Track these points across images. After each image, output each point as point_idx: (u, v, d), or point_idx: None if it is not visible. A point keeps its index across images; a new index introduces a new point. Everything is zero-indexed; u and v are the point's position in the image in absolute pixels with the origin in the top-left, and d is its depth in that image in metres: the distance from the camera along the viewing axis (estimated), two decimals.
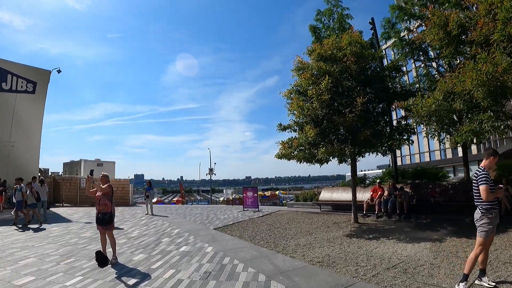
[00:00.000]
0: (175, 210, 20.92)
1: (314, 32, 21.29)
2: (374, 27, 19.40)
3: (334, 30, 19.15)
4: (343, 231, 11.74)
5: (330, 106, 11.71)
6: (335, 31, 18.50)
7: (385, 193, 15.12)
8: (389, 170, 20.32)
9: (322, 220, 14.33)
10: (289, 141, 13.12)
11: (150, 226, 13.85)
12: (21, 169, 23.34)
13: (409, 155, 54.15)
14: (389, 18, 17.52)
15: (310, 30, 21.58)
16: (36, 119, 27.14)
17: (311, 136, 11.33)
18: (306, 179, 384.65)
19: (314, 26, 21.53)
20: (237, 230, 12.30)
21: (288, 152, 12.67)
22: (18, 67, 26.54)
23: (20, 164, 24.24)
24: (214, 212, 18.68)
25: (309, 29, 21.73)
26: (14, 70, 25.96)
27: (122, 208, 22.59)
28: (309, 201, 19.80)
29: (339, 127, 11.48)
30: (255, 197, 19.37)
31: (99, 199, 8.10)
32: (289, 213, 17.18)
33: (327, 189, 18.77)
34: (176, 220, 15.69)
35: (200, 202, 56.86)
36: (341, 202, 17.01)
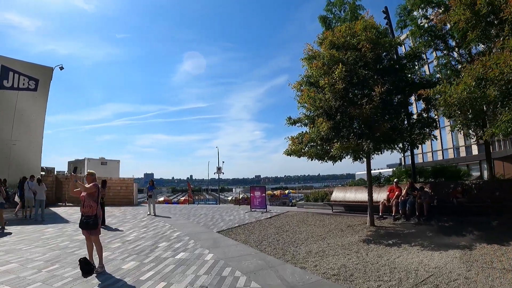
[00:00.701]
0: (179, 210, 19.97)
1: (324, 22, 20.24)
2: (388, 16, 18.19)
3: (346, 21, 18.02)
4: (359, 235, 10.66)
5: (344, 97, 10.65)
6: (348, 22, 17.39)
7: (402, 193, 14.01)
8: (405, 168, 19.11)
9: (335, 223, 13.25)
10: (299, 136, 12.04)
11: (149, 228, 12.91)
12: (23, 167, 22.73)
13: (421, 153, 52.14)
14: (404, 6, 16.39)
15: (320, 21, 20.53)
16: (38, 117, 26.61)
17: (323, 130, 10.25)
18: (315, 178, 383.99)
19: (324, 16, 20.48)
20: (242, 234, 11.29)
21: (298, 148, 11.58)
22: (19, 64, 26.03)
23: (22, 162, 23.70)
24: (220, 213, 17.70)
25: (319, 20, 20.69)
26: (16, 67, 25.48)
27: (125, 208, 21.73)
28: (320, 201, 18.71)
29: (354, 120, 10.40)
30: (263, 197, 18.34)
31: (84, 200, 7.17)
32: (299, 214, 16.12)
33: (340, 189, 17.66)
34: (179, 221, 14.73)
35: (208, 201, 55.92)
36: (355, 203, 15.92)
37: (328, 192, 19.59)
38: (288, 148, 11.94)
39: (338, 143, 9.81)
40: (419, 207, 12.85)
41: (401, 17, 16.68)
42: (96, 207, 7.13)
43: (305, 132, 11.89)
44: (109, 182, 25.82)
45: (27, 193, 15.99)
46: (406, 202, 13.31)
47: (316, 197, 19.13)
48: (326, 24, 19.99)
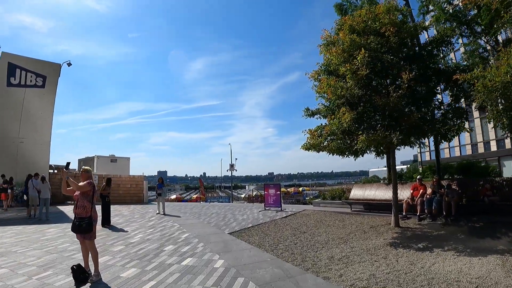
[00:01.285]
0: (190, 209, 19.15)
1: (340, 10, 19.22)
2: (407, 2, 17.02)
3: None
4: (384, 238, 9.67)
5: (367, 85, 9.65)
6: None
7: (428, 191, 12.96)
8: (427, 165, 17.95)
9: (356, 223, 12.26)
10: (318, 129, 11.05)
11: (157, 228, 12.10)
12: (31, 166, 22.32)
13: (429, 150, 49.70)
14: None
15: (336, 9, 19.51)
16: (46, 114, 26.10)
17: (346, 122, 9.25)
18: (328, 175, 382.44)
19: (340, 4, 19.43)
20: (256, 236, 10.37)
21: (317, 142, 10.57)
22: (26, 61, 25.60)
23: (29, 161, 23.27)
24: (232, 212, 16.84)
25: (335, 8, 19.67)
26: (23, 64, 25.06)
27: (134, 207, 21.02)
28: (338, 199, 17.72)
29: (379, 110, 9.38)
30: (278, 195, 17.39)
31: (77, 200, 6.36)
32: (316, 214, 15.16)
33: (358, 186, 16.65)
34: (188, 221, 13.90)
35: (221, 199, 55.27)
36: (376, 202, 14.91)
37: (346, 190, 18.62)
38: (307, 142, 10.94)
39: (363, 135, 8.77)
40: (446, 206, 11.83)
41: (422, 2, 15.55)
42: (90, 208, 6.32)
43: (324, 125, 10.87)
44: (118, 180, 25.32)
45: (31, 191, 15.47)
46: (432, 201, 12.27)
47: (333, 195, 18.14)
48: (342, 12, 18.94)
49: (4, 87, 24.00)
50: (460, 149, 42.16)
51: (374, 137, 8.66)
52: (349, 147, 10.06)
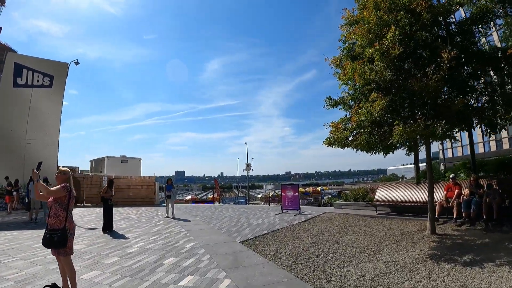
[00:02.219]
0: (202, 212, 17.92)
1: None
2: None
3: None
4: (421, 248, 8.21)
5: (400, 68, 8.22)
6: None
7: (464, 192, 11.45)
8: (461, 161, 16.24)
9: (385, 229, 10.81)
10: (342, 121, 9.61)
11: (161, 235, 10.92)
12: None
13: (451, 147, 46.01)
14: None
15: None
16: (54, 114, 25.55)
17: (377, 110, 7.79)
18: (346, 174, 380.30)
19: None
20: (272, 245, 9.00)
21: (342, 136, 9.11)
22: (33, 60, 25.22)
23: (37, 162, 22.30)
24: (247, 215, 15.51)
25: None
26: (29, 64, 24.66)
27: (144, 209, 19.94)
28: (361, 200, 16.23)
29: (416, 96, 7.91)
30: (296, 197, 15.98)
31: (50, 207, 5.15)
32: (339, 217, 13.74)
33: (384, 186, 15.11)
34: (198, 226, 12.66)
35: (237, 199, 53.97)
36: (404, 204, 13.40)
37: (369, 190, 17.09)
38: (330, 136, 9.46)
39: (400, 126, 7.29)
40: (486, 209, 10.33)
41: None
42: (65, 218, 5.09)
43: (350, 116, 9.37)
44: (129, 181, 24.37)
45: (32, 194, 14.54)
46: (471, 203, 10.77)
47: (356, 196, 16.64)
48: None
49: (11, 88, 23.57)
50: (496, 144, 38.85)
51: (414, 128, 7.17)
52: (381, 141, 8.61)
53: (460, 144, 39.57)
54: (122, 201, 23.77)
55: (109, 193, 12.48)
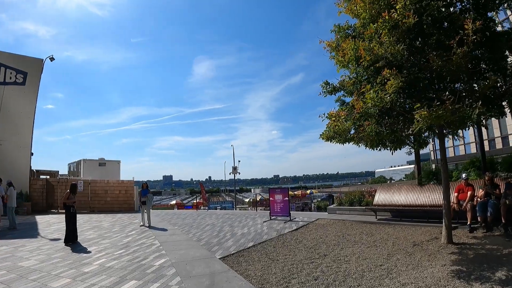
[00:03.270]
0: (182, 219, 16.20)
1: None
2: None
3: None
4: (441, 262, 6.74)
5: (411, 45, 6.77)
6: None
7: (478, 193, 10.13)
8: (470, 159, 14.85)
9: (390, 238, 9.35)
10: (344, 109, 8.04)
11: (130, 248, 9.30)
12: (10, 170, 19.91)
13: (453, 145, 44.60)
14: None
15: None
16: (27, 114, 23.67)
17: (390, 93, 6.26)
18: (334, 176, 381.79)
19: None
20: (258, 263, 7.41)
21: (344, 127, 7.54)
22: (5, 56, 23.39)
23: (8, 165, 20.89)
24: (232, 223, 13.89)
25: None
26: (1, 59, 22.72)
27: (120, 216, 18.22)
28: (357, 204, 14.76)
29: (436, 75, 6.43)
30: (286, 202, 14.36)
31: None
32: (334, 224, 12.23)
33: (384, 189, 13.68)
34: (174, 237, 11.04)
35: (224, 203, 52.30)
36: (408, 208, 12.02)
37: (366, 193, 15.67)
38: (329, 128, 7.87)
39: (425, 110, 5.72)
40: (505, 212, 9.04)
41: None
42: None
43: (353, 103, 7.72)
44: (106, 185, 22.61)
45: (9, 202, 13.37)
46: (487, 205, 9.44)
47: (352, 199, 15.16)
48: None
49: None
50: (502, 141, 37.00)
51: (441, 112, 5.63)
52: (392, 132, 7.10)
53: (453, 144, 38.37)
54: (99, 207, 22.07)
55: (72, 199, 10.83)
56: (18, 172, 21.01)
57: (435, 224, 10.82)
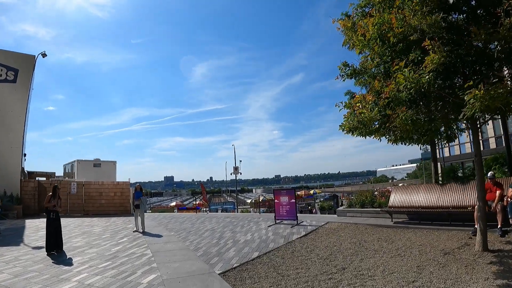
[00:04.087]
0: (180, 223, 15.01)
1: None
2: None
3: None
4: (483, 276, 5.59)
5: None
6: None
7: (508, 193, 9.06)
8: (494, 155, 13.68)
9: (414, 245, 8.18)
10: (371, 93, 6.79)
11: (117, 259, 8.16)
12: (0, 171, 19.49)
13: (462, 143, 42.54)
14: None
15: None
16: (18, 112, 22.56)
17: (428, 72, 5.08)
18: (335, 176, 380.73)
19: None
20: (266, 280, 6.20)
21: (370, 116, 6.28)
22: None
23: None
24: (233, 228, 12.71)
25: None
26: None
27: (115, 220, 17.07)
28: (369, 206, 13.60)
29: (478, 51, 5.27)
30: (293, 204, 13.11)
31: None
32: (347, 229, 11.07)
33: (400, 190, 12.50)
34: (169, 245, 9.86)
35: (225, 204, 51.01)
36: (429, 210, 10.88)
37: (377, 194, 14.53)
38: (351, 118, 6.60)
39: (480, 90, 4.52)
40: None
41: None
42: None
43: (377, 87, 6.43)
44: (100, 187, 21.48)
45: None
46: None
47: (363, 200, 13.98)
48: None
49: None
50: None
51: (501, 90, 4.42)
52: (430, 120, 5.89)
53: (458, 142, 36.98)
54: (94, 210, 20.93)
55: (52, 202, 9.66)
56: (9, 173, 20.01)
57: (459, 227, 9.76)
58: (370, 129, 6.50)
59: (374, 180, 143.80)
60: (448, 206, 10.57)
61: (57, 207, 9.62)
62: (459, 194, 10.51)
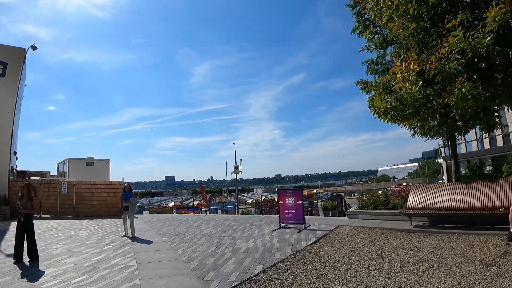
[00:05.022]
0: (175, 226, 13.64)
1: None
2: None
3: None
4: None
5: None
6: None
7: None
8: None
9: (447, 255, 6.89)
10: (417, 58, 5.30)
11: (96, 272, 6.89)
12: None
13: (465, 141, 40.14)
14: None
15: None
16: (6, 108, 21.36)
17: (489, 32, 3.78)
18: (336, 175, 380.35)
19: None
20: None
21: (413, 93, 4.81)
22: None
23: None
24: (233, 232, 11.37)
25: None
26: None
27: (106, 222, 15.78)
28: (383, 207, 12.30)
29: None
30: (299, 206, 11.73)
31: None
32: (361, 234, 9.77)
33: (419, 189, 11.17)
34: (158, 255, 8.55)
35: (226, 204, 49.77)
36: (456, 212, 9.61)
37: (391, 194, 13.27)
38: (386, 96, 5.21)
39: None
40: None
41: None
42: None
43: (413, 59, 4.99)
44: (92, 187, 20.16)
45: None
46: None
47: (376, 202, 12.67)
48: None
49: None
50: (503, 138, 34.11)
51: None
52: (494, 95, 4.59)
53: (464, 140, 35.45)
54: (85, 211, 19.64)
55: (22, 201, 8.39)
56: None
57: (489, 231, 8.54)
58: (407, 113, 5.19)
59: (376, 179, 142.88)
60: (476, 207, 9.32)
61: (22, 209, 8.27)
62: (488, 194, 9.29)
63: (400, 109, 5.01)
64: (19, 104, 25.15)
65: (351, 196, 61.22)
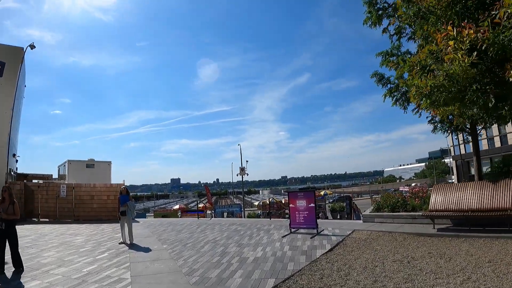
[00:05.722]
0: (177, 232, 12.76)
1: None
2: None
3: None
4: None
5: None
6: None
7: None
8: None
9: (482, 262, 6.04)
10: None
11: (83, 287, 6.05)
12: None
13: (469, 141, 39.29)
14: None
15: None
16: (4, 108, 20.62)
17: None
18: (342, 177, 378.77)
19: None
20: None
21: (466, 66, 3.86)
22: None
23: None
24: (240, 239, 10.47)
25: None
26: None
27: (105, 227, 14.96)
28: (402, 210, 11.39)
29: None
30: (312, 209, 10.72)
31: None
32: (381, 239, 8.87)
33: (442, 189, 10.21)
34: (156, 265, 7.68)
35: (231, 207, 48.78)
36: (485, 214, 8.72)
37: (408, 196, 12.40)
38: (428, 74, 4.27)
39: None
40: None
41: None
42: None
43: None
44: (92, 190, 19.35)
45: None
46: None
47: (394, 203, 11.74)
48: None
49: None
50: None
51: None
52: None
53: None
54: (84, 215, 18.82)
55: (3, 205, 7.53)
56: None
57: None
58: (453, 94, 4.27)
59: (383, 180, 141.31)
60: (506, 207, 8.45)
61: (3, 213, 7.38)
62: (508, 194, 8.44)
63: (449, 87, 4.09)
64: (18, 105, 24.52)
65: (359, 198, 60.01)
